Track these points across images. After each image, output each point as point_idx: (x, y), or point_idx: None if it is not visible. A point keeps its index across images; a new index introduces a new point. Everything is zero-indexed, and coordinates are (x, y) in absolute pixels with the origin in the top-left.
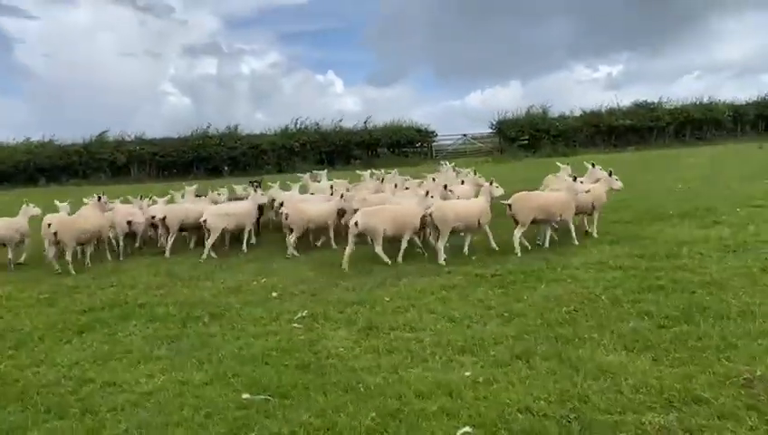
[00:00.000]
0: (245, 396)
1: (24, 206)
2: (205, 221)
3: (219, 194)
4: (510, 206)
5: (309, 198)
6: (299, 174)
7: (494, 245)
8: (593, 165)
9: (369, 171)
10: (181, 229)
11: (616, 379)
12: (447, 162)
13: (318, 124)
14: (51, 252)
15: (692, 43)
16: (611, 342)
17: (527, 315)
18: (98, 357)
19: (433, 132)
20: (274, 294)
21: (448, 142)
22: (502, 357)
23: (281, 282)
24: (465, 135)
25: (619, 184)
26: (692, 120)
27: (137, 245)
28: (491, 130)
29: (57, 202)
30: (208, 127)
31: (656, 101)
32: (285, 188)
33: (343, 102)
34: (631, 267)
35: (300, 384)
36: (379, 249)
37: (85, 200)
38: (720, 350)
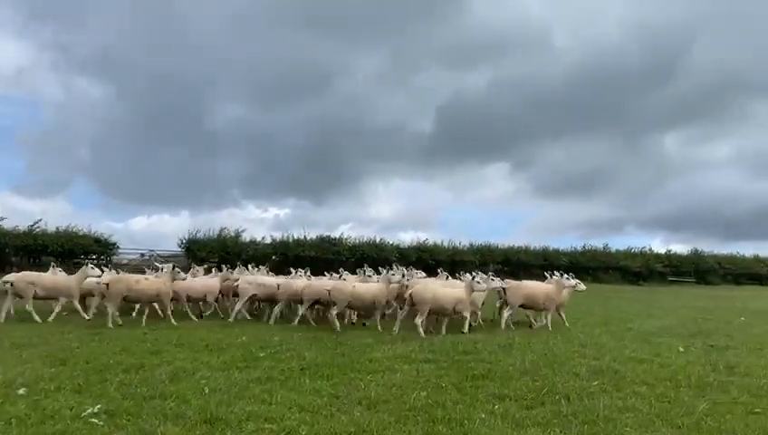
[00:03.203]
0: None
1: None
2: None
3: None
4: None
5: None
6: None
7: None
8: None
9: None
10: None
11: None
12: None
13: None
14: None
15: (349, 199)
16: (503, 421)
17: (390, 401)
18: None
19: (114, 244)
20: (22, 391)
21: (131, 257)
22: None
23: (13, 377)
24: (150, 251)
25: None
26: (367, 256)
27: None
28: (179, 249)
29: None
30: None
31: (337, 237)
32: None
33: None
34: (435, 360)
35: None
36: None
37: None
38: (606, 419)
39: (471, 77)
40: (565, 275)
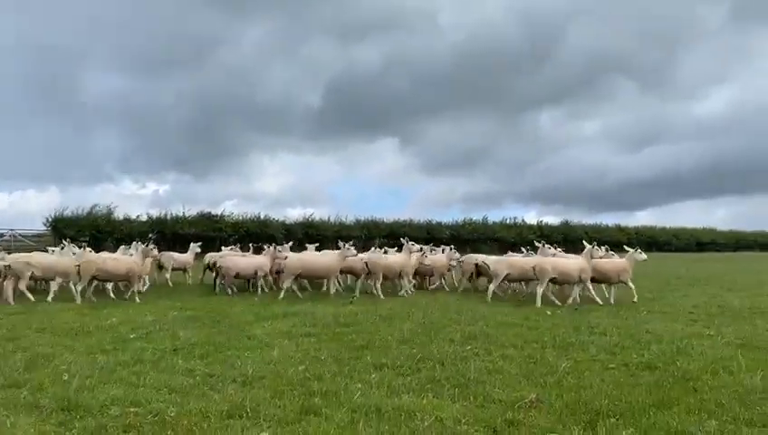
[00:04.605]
0: None
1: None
2: None
3: None
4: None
5: None
6: None
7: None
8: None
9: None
10: None
11: (417, 419)
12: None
13: None
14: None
15: (234, 174)
16: (378, 389)
17: (266, 377)
18: None
19: None
20: None
21: None
22: (284, 415)
23: None
24: (10, 230)
25: None
26: (251, 233)
27: None
28: (45, 229)
29: None
30: None
31: (219, 213)
32: None
33: None
34: (316, 334)
35: None
36: None
37: None
38: (476, 382)
39: (360, 51)
40: (638, 250)
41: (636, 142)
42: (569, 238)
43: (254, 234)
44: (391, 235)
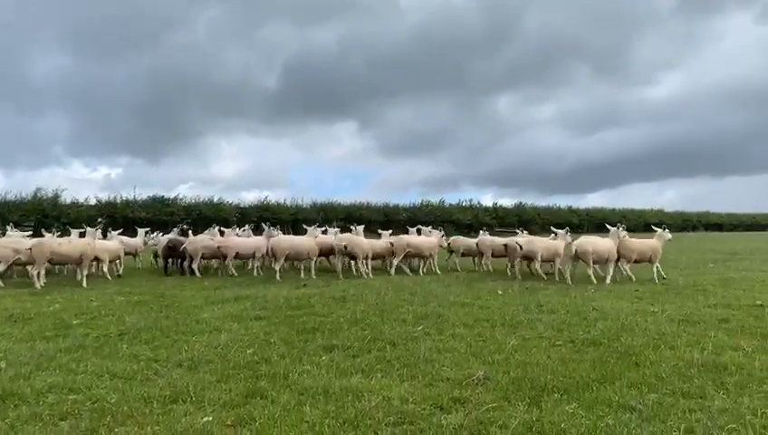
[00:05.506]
0: None
1: None
2: None
3: None
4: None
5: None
6: None
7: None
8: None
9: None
10: None
11: (365, 399)
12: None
13: None
14: None
15: (189, 157)
16: (327, 371)
17: (213, 361)
18: None
19: None
20: None
21: None
22: (229, 399)
23: None
24: None
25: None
26: (204, 216)
27: None
28: None
29: None
30: None
31: (171, 196)
32: None
33: None
34: (266, 317)
35: None
36: None
37: None
38: (426, 361)
39: (318, 33)
40: (664, 228)
41: (589, 126)
42: (522, 219)
43: (208, 217)
44: (348, 217)
